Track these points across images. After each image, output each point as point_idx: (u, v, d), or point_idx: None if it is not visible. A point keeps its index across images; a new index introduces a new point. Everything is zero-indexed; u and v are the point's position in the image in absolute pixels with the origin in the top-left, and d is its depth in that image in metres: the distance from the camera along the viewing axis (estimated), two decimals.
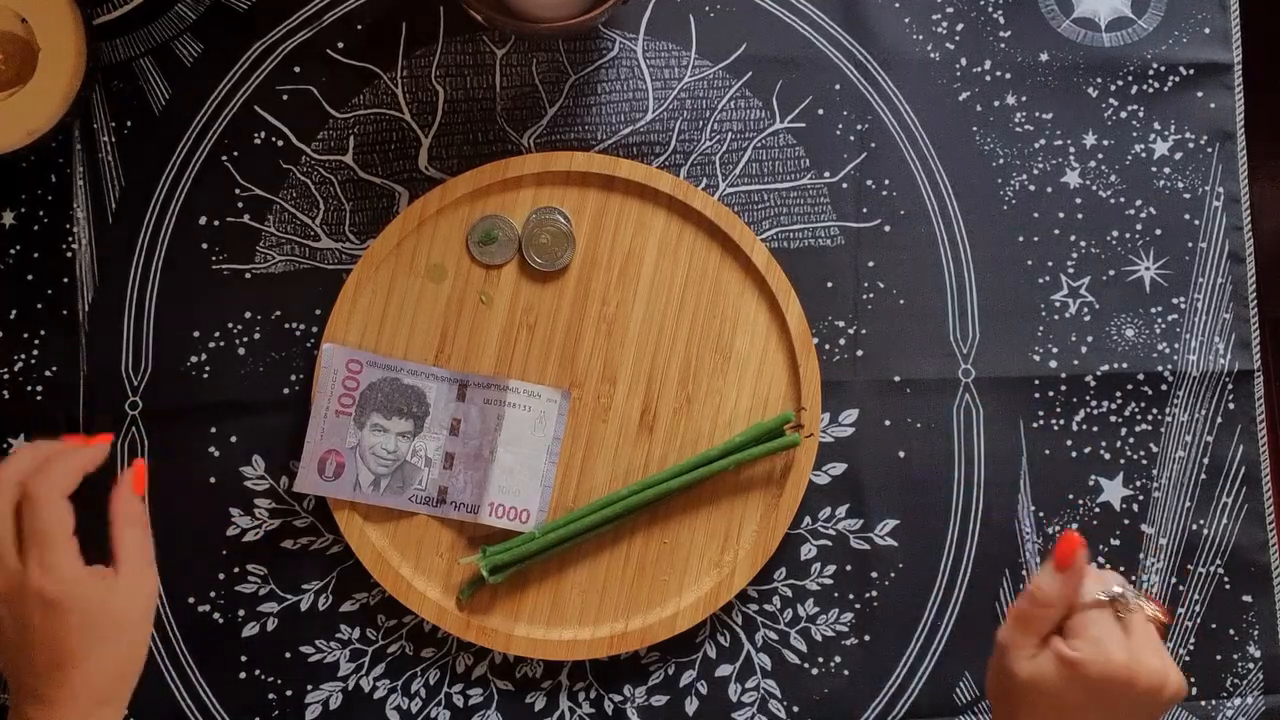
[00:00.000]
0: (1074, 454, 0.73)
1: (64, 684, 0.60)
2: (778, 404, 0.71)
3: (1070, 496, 0.72)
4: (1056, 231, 0.73)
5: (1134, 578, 0.72)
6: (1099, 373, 0.73)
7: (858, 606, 0.71)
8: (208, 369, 0.70)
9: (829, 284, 0.72)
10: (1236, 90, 0.75)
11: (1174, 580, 0.72)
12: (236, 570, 0.70)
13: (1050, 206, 0.74)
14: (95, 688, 0.60)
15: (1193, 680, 0.72)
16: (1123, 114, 0.74)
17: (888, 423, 0.72)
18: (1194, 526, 0.73)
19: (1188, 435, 0.73)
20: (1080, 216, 0.74)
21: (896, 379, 0.72)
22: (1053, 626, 0.57)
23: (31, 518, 0.58)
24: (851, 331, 0.72)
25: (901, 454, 0.72)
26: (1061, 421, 0.73)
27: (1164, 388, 0.73)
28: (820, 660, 0.71)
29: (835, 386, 0.72)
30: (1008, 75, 0.74)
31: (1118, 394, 0.73)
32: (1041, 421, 0.73)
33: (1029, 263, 0.73)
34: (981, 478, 0.72)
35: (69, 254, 0.70)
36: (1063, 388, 0.73)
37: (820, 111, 0.73)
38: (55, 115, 0.66)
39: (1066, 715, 0.57)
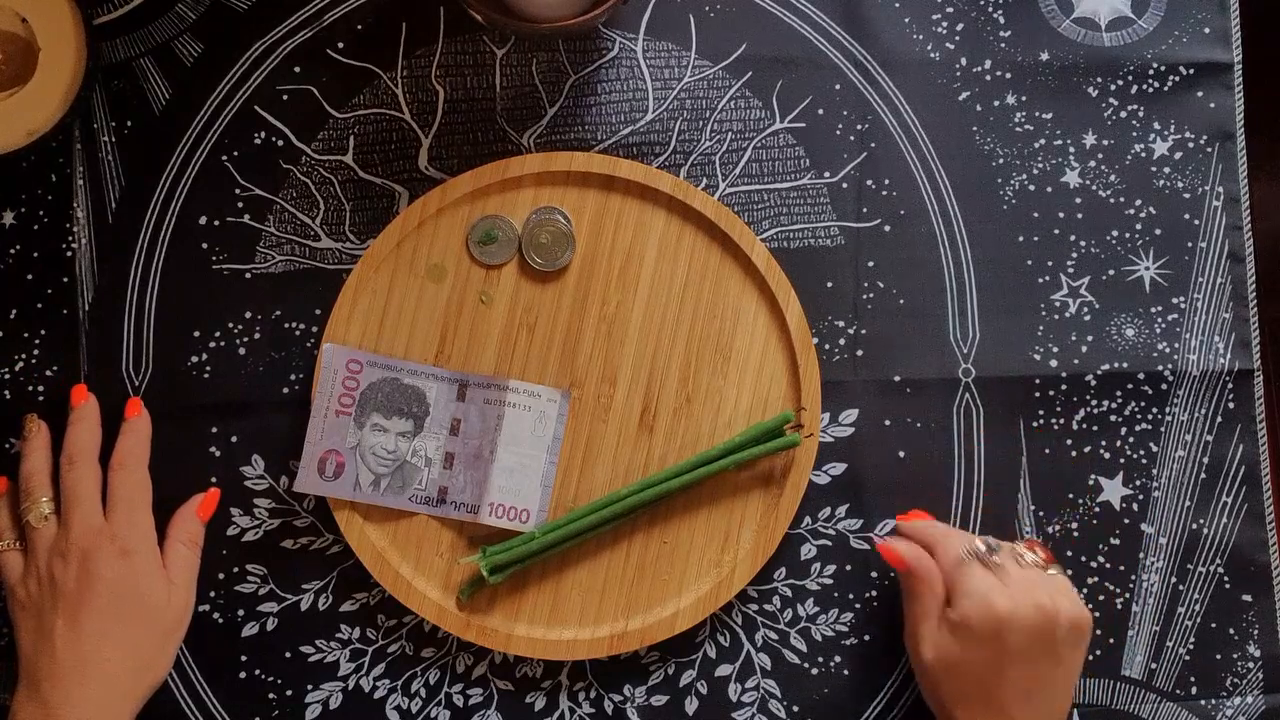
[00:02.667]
0: (1074, 454, 0.73)
1: (83, 683, 0.60)
2: (778, 404, 0.71)
3: (1070, 496, 0.72)
4: (1056, 231, 0.73)
5: (1133, 577, 0.72)
6: (1099, 372, 0.73)
7: (858, 606, 0.71)
8: (208, 369, 0.70)
9: (829, 284, 0.72)
10: (1236, 90, 0.75)
11: (1174, 580, 0.73)
12: (236, 570, 0.70)
13: (1050, 206, 0.74)
14: (97, 694, 0.61)
15: (1192, 680, 0.72)
16: (1123, 114, 0.74)
17: (888, 423, 0.72)
18: (1194, 526, 0.73)
19: (1188, 435, 0.73)
20: (1080, 216, 0.74)
21: (896, 379, 0.72)
22: (938, 606, 0.62)
23: (123, 484, 0.66)
24: (851, 331, 0.72)
25: (901, 454, 0.72)
26: (1061, 421, 0.73)
27: (1164, 387, 0.73)
28: (820, 660, 0.71)
29: (835, 386, 0.72)
30: (1008, 75, 0.74)
31: (1118, 393, 0.73)
32: (1041, 421, 0.73)
33: (1029, 263, 0.73)
34: (981, 478, 0.72)
35: (69, 254, 0.70)
36: (1063, 387, 0.73)
37: (820, 111, 0.73)
38: (55, 115, 0.66)
39: (981, 675, 0.62)
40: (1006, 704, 0.61)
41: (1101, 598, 0.72)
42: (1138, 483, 0.73)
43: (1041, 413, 0.73)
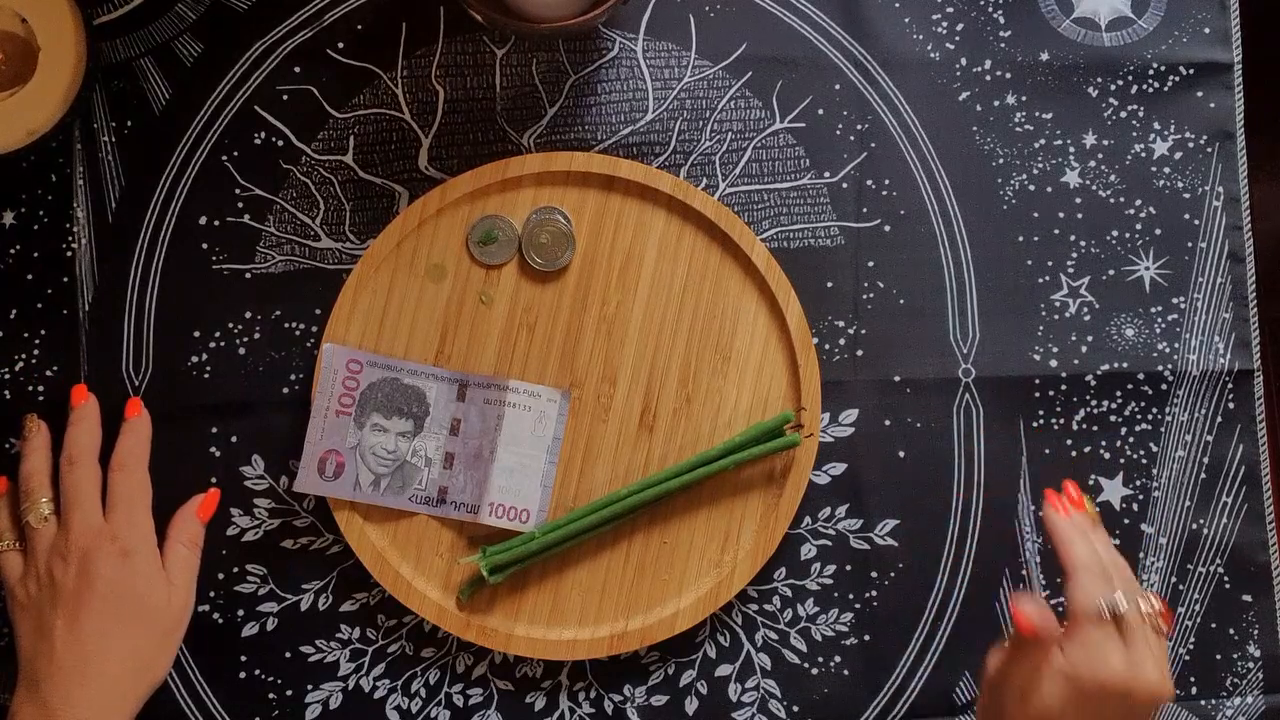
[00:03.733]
0: (1074, 454, 0.73)
1: (82, 683, 0.61)
2: (778, 404, 0.71)
3: None
4: (1056, 231, 0.73)
5: (1141, 578, 0.72)
6: (1099, 372, 0.73)
7: (858, 606, 0.71)
8: (208, 369, 0.70)
9: (829, 284, 0.72)
10: (1236, 90, 0.75)
11: (1174, 580, 0.73)
12: (236, 570, 0.70)
13: (1050, 206, 0.74)
14: (97, 694, 0.61)
15: (1192, 680, 0.72)
16: (1123, 114, 0.74)
17: (888, 423, 0.72)
18: (1194, 526, 0.73)
19: (1188, 435, 0.73)
20: (1080, 216, 0.74)
21: (896, 379, 0.72)
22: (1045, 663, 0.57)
23: (124, 484, 0.66)
24: (851, 331, 0.72)
25: (901, 454, 0.72)
26: (1061, 421, 0.73)
27: (1164, 387, 0.73)
28: (820, 660, 0.71)
29: (835, 386, 0.72)
30: (1008, 75, 0.74)
31: (1118, 393, 0.73)
32: (1041, 421, 0.73)
33: (1029, 263, 0.73)
34: (981, 478, 0.72)
35: (69, 254, 0.70)
36: (1063, 387, 0.73)
37: (820, 111, 0.73)
38: (55, 115, 0.66)
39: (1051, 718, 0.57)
40: None
41: None
42: (1138, 483, 0.73)
43: (1041, 413, 0.73)
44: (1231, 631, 0.72)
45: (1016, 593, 0.57)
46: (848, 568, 0.71)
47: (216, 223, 0.71)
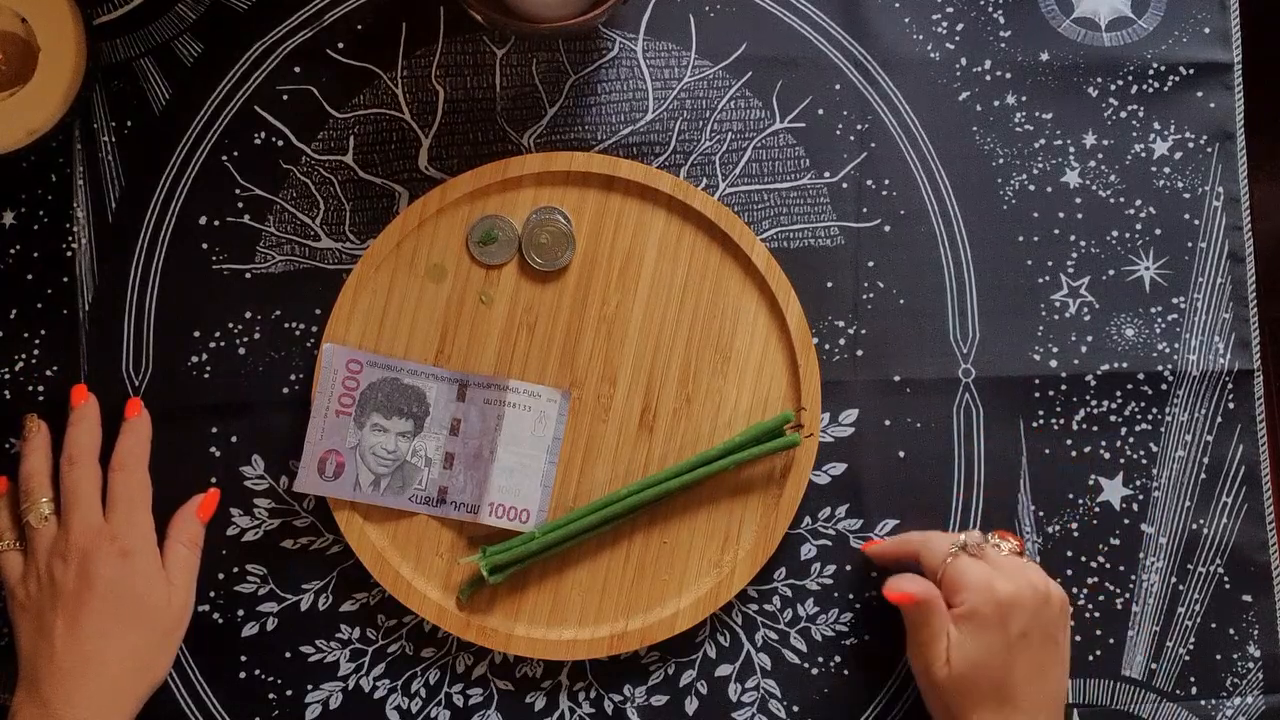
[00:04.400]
0: (1074, 454, 0.73)
1: (82, 683, 0.61)
2: (778, 404, 0.71)
3: (1070, 496, 0.72)
4: (1056, 231, 0.73)
5: (1133, 577, 0.72)
6: (1099, 372, 0.73)
7: (858, 606, 0.71)
8: (208, 369, 0.70)
9: (829, 284, 0.72)
10: (1236, 90, 0.75)
11: (1174, 580, 0.73)
12: (236, 570, 0.70)
13: (1050, 206, 0.74)
14: (97, 694, 0.61)
15: (1192, 680, 0.72)
16: (1123, 114, 0.74)
17: (888, 423, 0.72)
18: (1194, 526, 0.73)
19: (1188, 435, 0.73)
20: (1080, 216, 0.74)
21: (896, 379, 0.72)
22: (945, 621, 0.62)
23: (124, 484, 0.66)
24: (851, 331, 0.72)
25: (901, 454, 0.72)
26: (1061, 421, 0.73)
27: (1164, 387, 0.73)
28: (820, 660, 0.71)
29: (835, 386, 0.72)
30: (1008, 75, 0.74)
31: (1118, 394, 0.73)
32: (1041, 421, 0.73)
33: (1029, 263, 0.73)
34: (981, 478, 0.72)
35: (69, 254, 0.70)
36: (1063, 387, 0.73)
37: (820, 111, 0.73)
38: (55, 115, 0.66)
39: (992, 671, 0.61)
40: (1017, 694, 0.61)
41: (1101, 598, 0.72)
42: (1138, 483, 0.73)
43: (1041, 413, 0.73)
44: (1231, 631, 0.72)
45: (890, 579, 0.64)
46: (848, 568, 0.71)
47: (216, 223, 0.71)
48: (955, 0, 0.74)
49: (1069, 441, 0.73)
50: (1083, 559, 0.72)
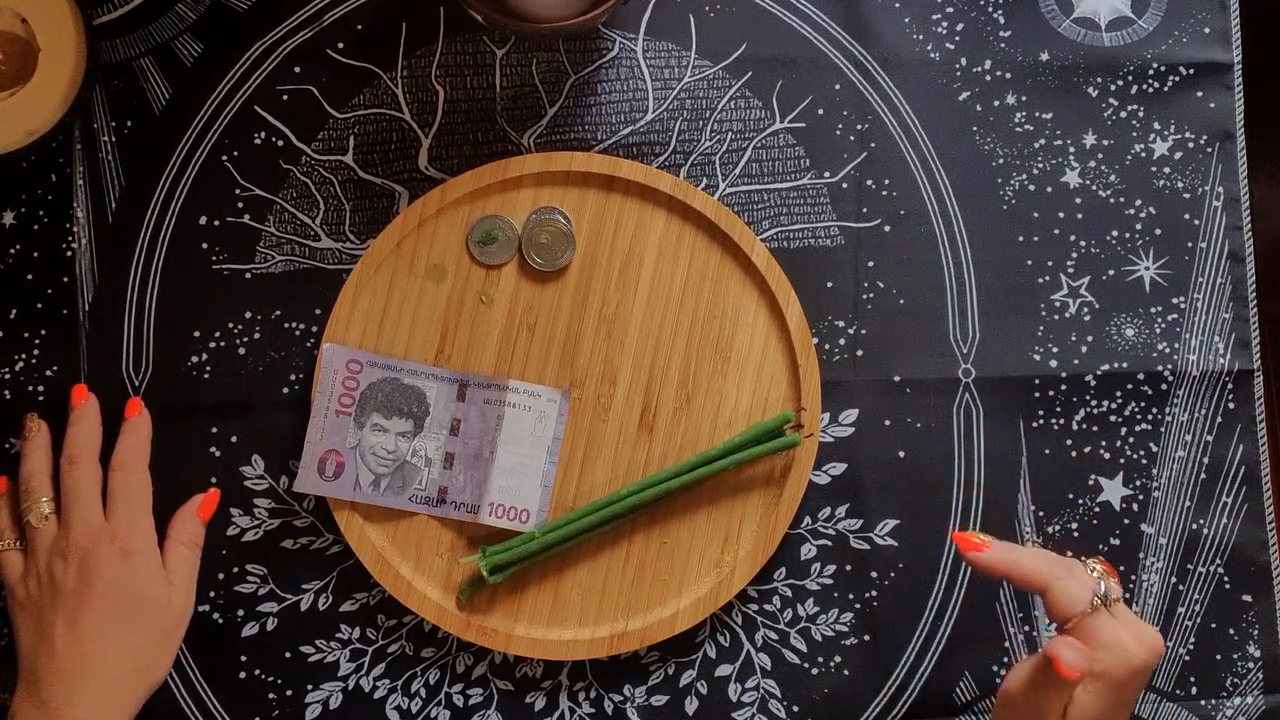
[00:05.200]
0: (1074, 454, 0.73)
1: (82, 683, 0.61)
2: (778, 404, 0.71)
3: (1070, 496, 0.72)
4: (1056, 231, 0.73)
5: (1133, 577, 0.72)
6: (1099, 372, 0.73)
7: (858, 606, 0.71)
8: (208, 369, 0.70)
9: (829, 284, 0.72)
10: (1236, 90, 0.75)
11: (1174, 580, 0.73)
12: (236, 570, 0.70)
13: (1050, 206, 0.74)
14: (97, 694, 0.61)
15: (1192, 680, 0.72)
16: (1123, 114, 0.74)
17: (888, 423, 0.72)
18: (1194, 526, 0.73)
19: (1188, 435, 0.73)
20: (1080, 216, 0.74)
21: (896, 379, 0.72)
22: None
23: (124, 484, 0.66)
24: (851, 331, 0.72)
25: (901, 454, 0.72)
26: (1061, 421, 0.73)
27: (1164, 387, 0.73)
28: (820, 660, 0.71)
29: (835, 386, 0.72)
30: (1008, 75, 0.74)
31: (1118, 394, 0.73)
32: (1041, 421, 0.73)
33: (1029, 263, 0.73)
34: (981, 478, 0.72)
35: (69, 254, 0.70)
36: (1063, 387, 0.73)
37: (820, 111, 0.73)
38: (55, 115, 0.66)
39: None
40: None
41: None
42: (1138, 483, 0.73)
43: (1041, 413, 0.73)
44: (1231, 631, 0.72)
45: (1056, 638, 0.57)
46: (848, 568, 0.71)
47: (216, 223, 0.71)
48: (955, 0, 0.74)
49: (1069, 441, 0.73)
50: (1083, 559, 0.72)
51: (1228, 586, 0.73)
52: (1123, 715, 0.59)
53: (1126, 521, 0.73)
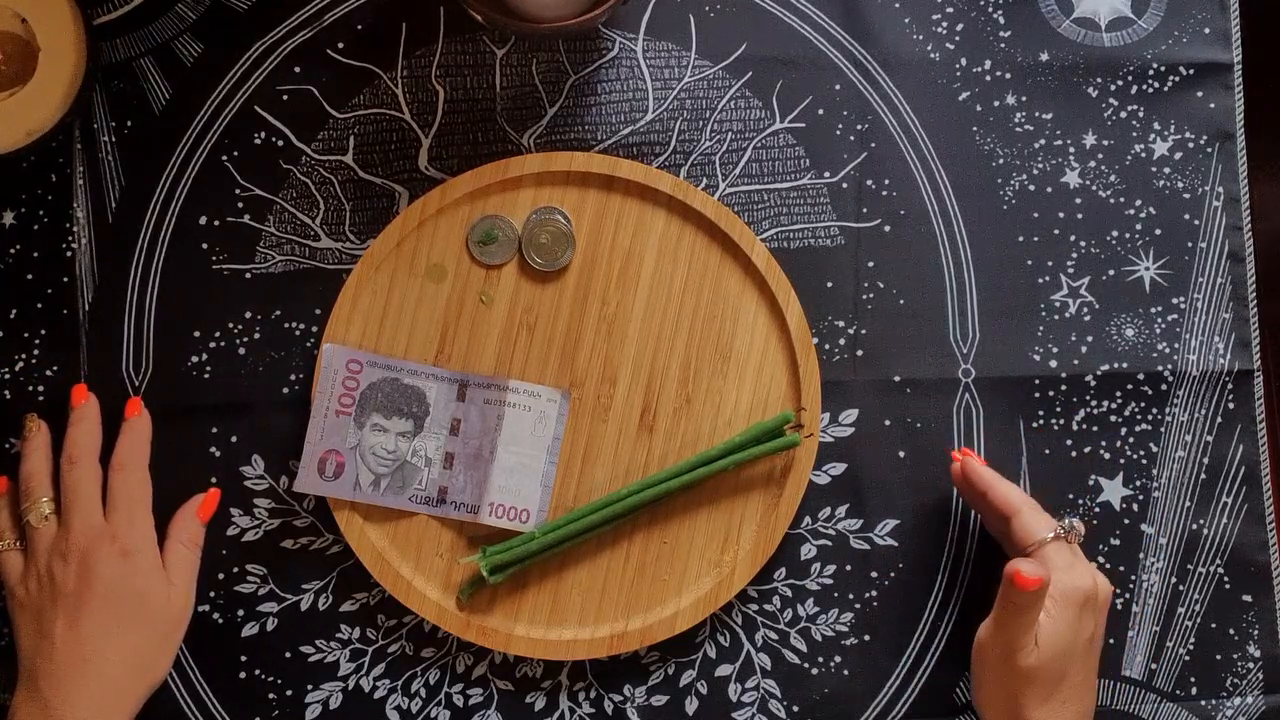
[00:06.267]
0: (1074, 454, 0.73)
1: (82, 683, 0.61)
2: (778, 404, 0.71)
3: (1070, 496, 0.72)
4: (1056, 231, 0.73)
5: (1133, 577, 0.72)
6: (1099, 373, 0.73)
7: (858, 606, 0.71)
8: (208, 369, 0.70)
9: (829, 284, 0.72)
10: (1236, 90, 0.75)
11: (1174, 580, 0.73)
12: (236, 570, 0.70)
13: (1050, 206, 0.74)
14: (97, 694, 0.61)
15: (1192, 680, 0.72)
16: (1123, 114, 0.74)
17: (888, 423, 0.72)
18: (1194, 526, 0.73)
19: (1188, 435, 0.73)
20: (1080, 216, 0.74)
21: (896, 379, 0.72)
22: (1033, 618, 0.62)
23: (124, 484, 0.66)
24: (851, 331, 0.72)
25: (901, 454, 0.72)
26: (1061, 421, 0.73)
27: (1164, 388, 0.73)
28: (820, 660, 0.71)
29: (835, 386, 0.72)
30: (1008, 75, 0.74)
31: (1118, 394, 0.73)
32: (1041, 421, 0.73)
33: (1029, 263, 0.73)
34: None
35: (69, 254, 0.70)
36: (1063, 387, 0.73)
37: (820, 111, 0.73)
38: (55, 115, 0.66)
39: (1072, 656, 0.62)
40: (1082, 687, 0.62)
41: None
42: (1138, 483, 0.73)
43: (1041, 413, 0.73)
44: (1231, 631, 0.72)
45: (1018, 562, 0.60)
46: (848, 568, 0.71)
47: (216, 223, 0.71)
48: (955, 0, 0.74)
49: (1069, 441, 0.73)
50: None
51: (1228, 586, 0.73)
52: (1088, 649, 0.63)
53: (1126, 522, 0.73)
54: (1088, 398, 0.73)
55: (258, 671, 0.70)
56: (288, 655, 0.70)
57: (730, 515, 0.70)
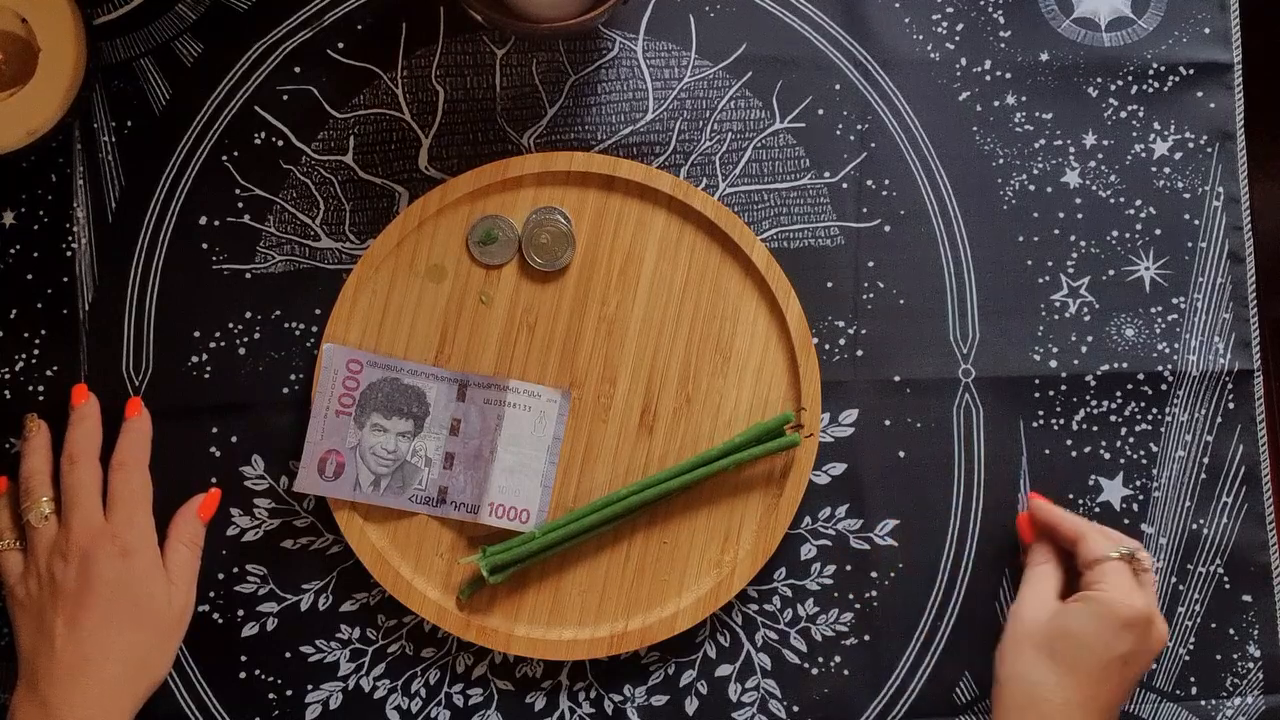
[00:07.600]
0: (1074, 454, 0.73)
1: (82, 683, 0.61)
2: (778, 404, 0.71)
3: (1070, 496, 0.72)
4: (1056, 231, 0.73)
5: None
6: (1099, 372, 0.73)
7: (858, 606, 0.71)
8: (208, 369, 0.70)
9: (829, 284, 0.72)
10: (1236, 90, 0.75)
11: (1174, 580, 0.73)
12: (236, 570, 0.70)
13: (1050, 206, 0.74)
14: (97, 694, 0.61)
15: (1192, 680, 0.72)
16: (1123, 114, 0.74)
17: (888, 423, 0.72)
18: (1194, 526, 0.73)
19: (1188, 435, 0.73)
20: (1080, 216, 0.74)
21: (896, 379, 0.72)
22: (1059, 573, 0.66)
23: (124, 484, 0.66)
24: (851, 331, 0.72)
25: (901, 454, 0.72)
26: (1061, 421, 0.73)
27: (1164, 387, 0.73)
28: (820, 660, 0.71)
29: (835, 386, 0.72)
30: (1008, 75, 0.74)
31: (1118, 394, 0.73)
32: (1041, 421, 0.73)
33: (1029, 263, 0.73)
34: (981, 478, 0.72)
35: (69, 254, 0.70)
36: (1063, 387, 0.73)
37: (820, 111, 0.73)
38: (55, 115, 0.66)
39: (1089, 638, 0.62)
40: (1090, 689, 0.62)
41: None
42: (1138, 483, 0.73)
43: (1041, 413, 0.73)
44: (1231, 631, 0.72)
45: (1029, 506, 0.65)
46: (848, 568, 0.71)
47: (216, 223, 0.71)
48: (955, 0, 0.74)
49: (1069, 441, 0.73)
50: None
51: (1228, 586, 0.73)
52: (1118, 667, 0.62)
53: (1126, 521, 0.73)
54: (1088, 398, 0.73)
55: (258, 671, 0.70)
56: (288, 655, 0.70)
57: (730, 515, 0.70)
